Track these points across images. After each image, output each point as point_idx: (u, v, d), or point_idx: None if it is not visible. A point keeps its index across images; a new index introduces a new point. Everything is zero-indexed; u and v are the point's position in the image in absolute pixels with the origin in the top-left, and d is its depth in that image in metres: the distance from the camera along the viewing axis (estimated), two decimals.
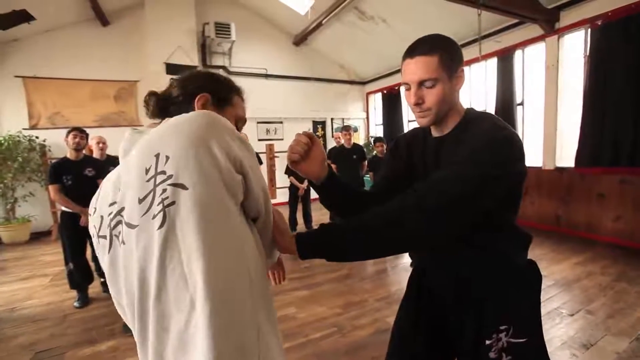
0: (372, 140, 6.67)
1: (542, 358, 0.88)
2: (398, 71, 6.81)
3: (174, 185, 0.48)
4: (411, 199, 0.73)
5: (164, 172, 0.49)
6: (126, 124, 5.70)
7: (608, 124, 3.67)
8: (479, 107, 5.57)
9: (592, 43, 3.78)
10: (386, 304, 2.56)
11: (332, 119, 7.83)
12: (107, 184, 0.61)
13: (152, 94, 0.71)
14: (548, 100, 4.37)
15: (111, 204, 0.56)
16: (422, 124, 0.87)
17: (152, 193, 0.49)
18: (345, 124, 5.57)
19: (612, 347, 1.91)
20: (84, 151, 2.81)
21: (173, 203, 0.48)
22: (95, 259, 2.94)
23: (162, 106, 0.71)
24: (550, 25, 4.17)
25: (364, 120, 8.32)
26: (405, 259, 3.53)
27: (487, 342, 0.85)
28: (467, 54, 5.23)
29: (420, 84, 0.80)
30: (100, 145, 3.38)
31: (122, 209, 0.53)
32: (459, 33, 5.13)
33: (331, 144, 6.89)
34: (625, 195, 3.63)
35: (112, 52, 5.62)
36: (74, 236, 2.73)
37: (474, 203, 0.72)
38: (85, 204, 2.68)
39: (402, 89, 0.88)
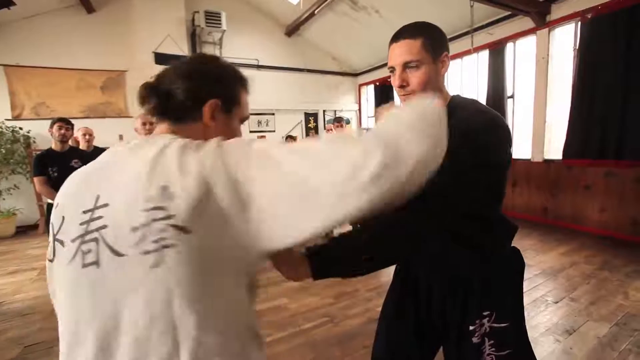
0: (364, 132, 6.68)
1: (523, 341, 0.91)
2: None
3: (175, 227, 0.43)
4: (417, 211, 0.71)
5: (164, 209, 0.44)
6: (114, 114, 5.57)
7: (595, 117, 3.74)
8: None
9: (582, 36, 3.81)
10: (377, 293, 2.60)
11: (324, 111, 7.79)
12: (77, 180, 0.55)
13: (150, 89, 0.61)
14: (538, 93, 4.42)
15: (86, 211, 0.49)
16: None
17: (148, 227, 0.44)
18: (337, 116, 5.55)
19: (593, 332, 1.98)
20: (69, 142, 2.75)
21: (171, 245, 0.43)
22: None
23: (163, 108, 0.62)
24: (542, 18, 4.19)
25: (356, 112, 8.30)
26: None
27: (471, 327, 0.87)
28: (460, 46, 5.26)
29: (405, 66, 0.82)
30: (87, 137, 3.30)
31: (104, 227, 0.47)
32: (452, 24, 5.13)
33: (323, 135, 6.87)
34: (610, 187, 3.73)
35: (98, 41, 5.45)
36: None
37: (467, 193, 0.73)
38: None
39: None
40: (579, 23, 3.86)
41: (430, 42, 0.81)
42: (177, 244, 0.43)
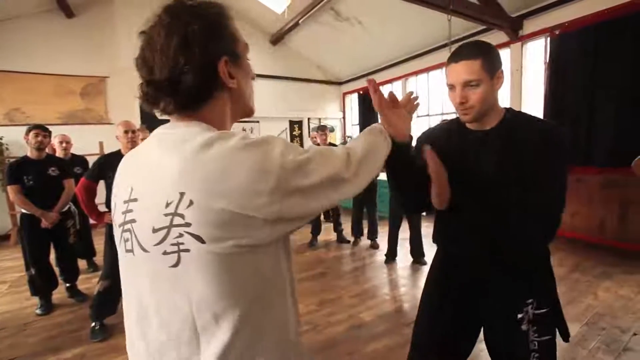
0: (348, 140, 6.76)
1: (558, 322, 0.98)
2: (374, 72, 6.94)
3: (192, 235, 0.45)
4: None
5: (182, 216, 0.44)
6: (94, 122, 5.44)
7: (566, 126, 3.94)
8: (447, 109, 5.66)
9: (552, 51, 4.04)
10: (360, 300, 2.63)
11: (308, 119, 7.85)
12: (122, 165, 0.58)
13: (149, 84, 0.53)
14: (513, 103, 4.62)
15: (125, 202, 0.52)
16: (465, 120, 0.97)
17: (167, 230, 0.45)
18: (321, 124, 5.61)
19: None
20: (46, 150, 2.67)
21: (188, 250, 0.45)
22: (59, 263, 2.80)
23: (156, 89, 0.52)
24: (515, 32, 4.42)
25: (341, 120, 8.40)
26: (380, 257, 3.62)
27: (519, 315, 0.93)
28: (440, 57, 5.44)
29: (465, 84, 0.90)
30: (64, 144, 3.23)
31: (133, 221, 0.50)
32: (432, 36, 5.31)
33: (307, 143, 6.93)
34: (580, 193, 3.92)
35: (78, 46, 5.33)
36: (35, 239, 2.59)
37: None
38: (50, 204, 2.57)
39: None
40: (549, 38, 4.10)
41: (488, 62, 0.89)
42: (192, 249, 0.45)
